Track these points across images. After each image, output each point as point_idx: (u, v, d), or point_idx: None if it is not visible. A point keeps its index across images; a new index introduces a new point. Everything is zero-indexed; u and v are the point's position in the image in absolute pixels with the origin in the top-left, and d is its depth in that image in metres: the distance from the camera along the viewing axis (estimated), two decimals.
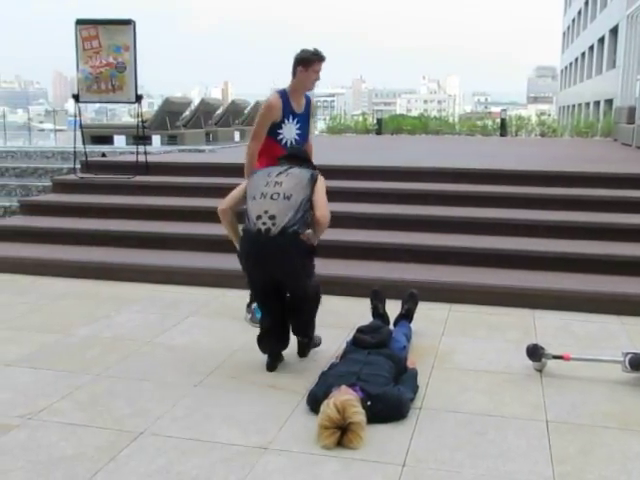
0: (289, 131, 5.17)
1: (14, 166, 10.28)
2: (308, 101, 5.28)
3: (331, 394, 3.57)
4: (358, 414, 3.42)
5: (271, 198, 4.20)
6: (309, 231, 4.28)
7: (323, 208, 4.30)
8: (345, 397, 3.48)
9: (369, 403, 3.59)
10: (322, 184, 4.39)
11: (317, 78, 5.11)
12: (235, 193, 4.51)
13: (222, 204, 4.48)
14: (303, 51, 5.05)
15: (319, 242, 4.40)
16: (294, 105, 5.16)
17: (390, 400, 3.68)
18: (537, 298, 5.73)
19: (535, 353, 4.39)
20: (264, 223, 4.15)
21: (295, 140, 5.20)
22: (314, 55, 5.03)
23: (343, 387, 3.63)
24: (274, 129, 5.12)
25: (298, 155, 4.66)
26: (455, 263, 6.39)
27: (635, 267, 6.09)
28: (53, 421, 3.66)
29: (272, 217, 4.15)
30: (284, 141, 5.16)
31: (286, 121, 5.13)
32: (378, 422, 3.58)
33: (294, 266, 4.27)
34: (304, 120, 5.26)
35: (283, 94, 5.14)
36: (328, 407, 3.43)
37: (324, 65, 5.02)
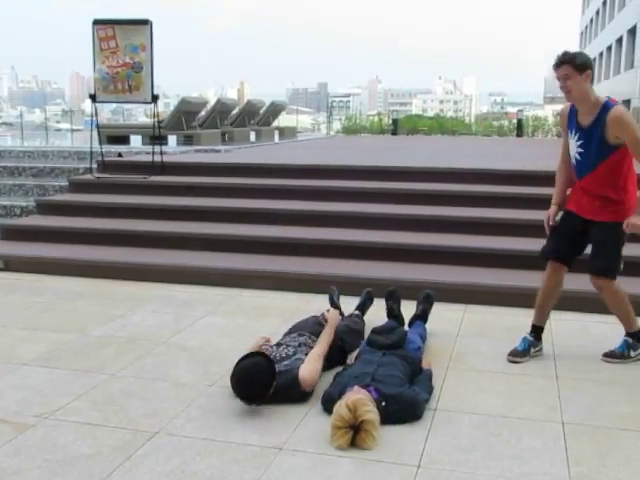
0: (571, 147, 4.39)
1: (31, 166, 10.32)
2: (598, 115, 4.20)
3: (344, 394, 3.57)
4: (370, 412, 3.41)
5: None
6: None
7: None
8: (357, 396, 3.48)
9: (384, 404, 3.58)
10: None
11: (560, 84, 4.29)
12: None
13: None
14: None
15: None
16: (579, 116, 4.31)
17: (405, 401, 3.67)
18: None
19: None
20: None
21: (574, 165, 4.39)
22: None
23: (356, 387, 3.63)
24: None
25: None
26: (471, 264, 6.36)
27: None
28: (69, 420, 3.68)
29: None
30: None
31: (569, 134, 4.39)
32: (393, 423, 3.57)
33: None
34: (586, 137, 4.24)
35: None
36: (340, 407, 3.44)
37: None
